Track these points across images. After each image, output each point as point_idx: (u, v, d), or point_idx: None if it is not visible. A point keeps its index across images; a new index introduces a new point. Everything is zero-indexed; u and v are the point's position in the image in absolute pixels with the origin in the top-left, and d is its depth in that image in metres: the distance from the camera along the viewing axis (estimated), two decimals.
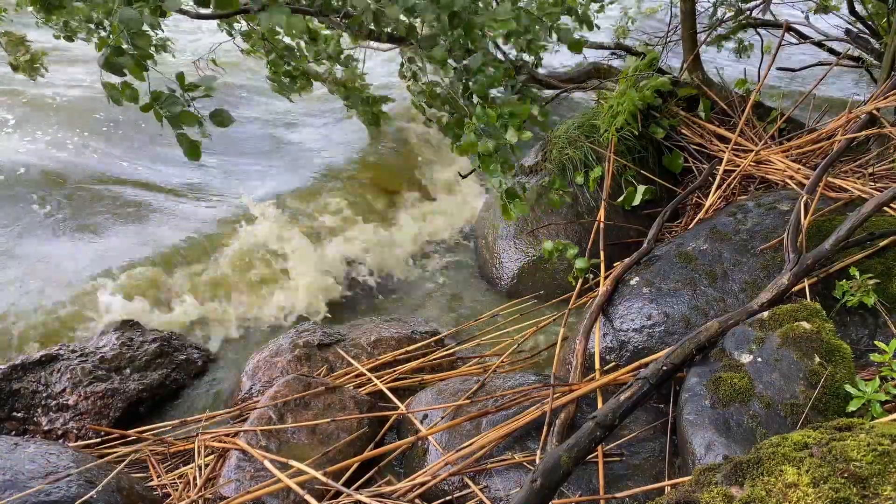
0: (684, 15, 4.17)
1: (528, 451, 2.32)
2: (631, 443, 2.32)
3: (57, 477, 2.18)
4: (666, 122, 3.94)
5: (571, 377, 2.62)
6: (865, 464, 1.37)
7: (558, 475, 1.78)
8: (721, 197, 3.49)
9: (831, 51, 5.48)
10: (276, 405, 2.66)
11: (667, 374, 2.15)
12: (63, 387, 3.07)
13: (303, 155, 5.62)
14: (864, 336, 2.41)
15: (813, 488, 1.35)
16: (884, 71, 3.70)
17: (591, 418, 1.95)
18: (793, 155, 3.58)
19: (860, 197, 2.99)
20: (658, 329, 2.71)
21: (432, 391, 2.78)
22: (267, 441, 2.55)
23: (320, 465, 2.38)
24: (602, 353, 2.77)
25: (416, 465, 2.49)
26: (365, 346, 3.25)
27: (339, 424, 2.61)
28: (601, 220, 3.58)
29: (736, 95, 4.12)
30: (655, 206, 3.79)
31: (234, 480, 2.44)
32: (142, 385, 3.22)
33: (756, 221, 2.92)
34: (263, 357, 3.23)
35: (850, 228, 2.46)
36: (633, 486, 2.13)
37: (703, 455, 1.96)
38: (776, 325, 2.17)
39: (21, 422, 3.02)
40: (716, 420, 2.01)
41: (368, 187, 5.12)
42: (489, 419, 2.48)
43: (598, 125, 3.94)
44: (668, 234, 3.52)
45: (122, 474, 2.38)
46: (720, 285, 2.72)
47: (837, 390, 1.97)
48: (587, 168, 3.88)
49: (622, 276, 2.98)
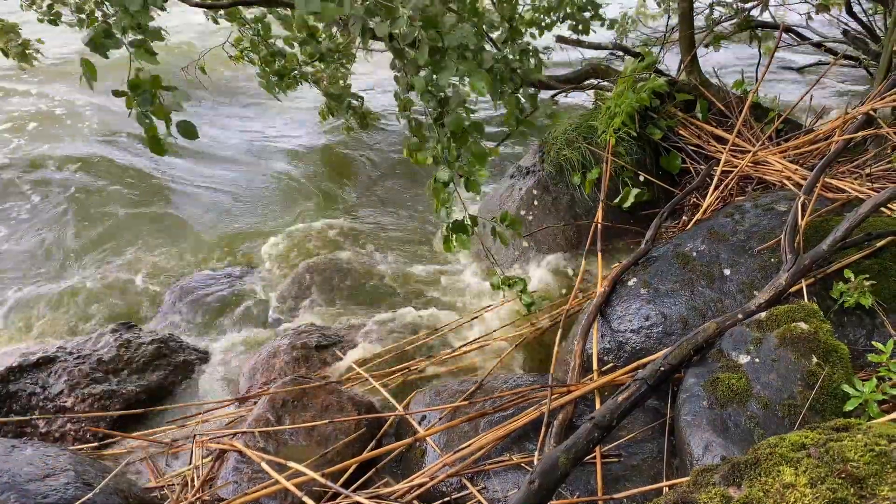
0: (682, 16, 4.18)
1: (526, 453, 2.32)
2: (629, 444, 2.31)
3: (55, 479, 2.18)
4: (664, 122, 3.94)
5: (569, 378, 2.62)
6: (863, 464, 1.37)
7: (556, 476, 1.78)
8: (718, 198, 3.49)
9: (829, 51, 5.49)
10: (274, 406, 2.66)
11: (665, 375, 2.15)
12: (60, 388, 3.07)
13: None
14: (861, 336, 2.41)
15: (810, 489, 1.35)
16: (881, 71, 3.70)
17: (589, 419, 1.95)
18: (790, 156, 3.59)
19: (857, 197, 3.00)
20: (656, 330, 2.71)
21: (430, 392, 2.78)
22: (265, 442, 2.54)
23: (318, 467, 2.38)
24: (600, 354, 2.77)
25: (414, 467, 2.49)
26: (363, 348, 3.25)
27: (337, 426, 2.61)
28: (599, 221, 3.58)
29: (733, 96, 4.12)
30: (653, 207, 3.79)
31: (232, 482, 2.44)
32: (139, 387, 3.22)
33: (753, 222, 2.93)
34: (261, 358, 3.23)
35: (848, 229, 2.46)
36: (631, 487, 2.13)
37: (700, 456, 1.96)
38: (774, 325, 2.17)
39: (18, 424, 3.02)
40: (713, 421, 2.02)
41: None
42: (487, 420, 2.48)
43: (596, 126, 3.94)
44: (665, 235, 3.52)
45: (120, 476, 2.38)
46: (718, 286, 2.72)
47: (835, 391, 1.97)
48: (585, 169, 3.88)
49: (620, 276, 2.98)
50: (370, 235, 4.78)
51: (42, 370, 3.13)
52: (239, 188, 5.55)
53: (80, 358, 3.21)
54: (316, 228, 4.90)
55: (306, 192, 5.51)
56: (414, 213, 5.14)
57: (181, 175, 5.68)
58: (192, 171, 5.78)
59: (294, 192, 5.52)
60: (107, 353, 3.27)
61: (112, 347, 3.31)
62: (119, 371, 3.24)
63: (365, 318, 3.74)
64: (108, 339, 3.36)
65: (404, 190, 5.55)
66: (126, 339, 3.39)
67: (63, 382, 3.08)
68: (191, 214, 5.12)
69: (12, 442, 2.48)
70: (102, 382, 3.14)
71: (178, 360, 3.44)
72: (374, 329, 3.49)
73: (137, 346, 3.37)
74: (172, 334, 3.64)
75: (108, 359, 3.25)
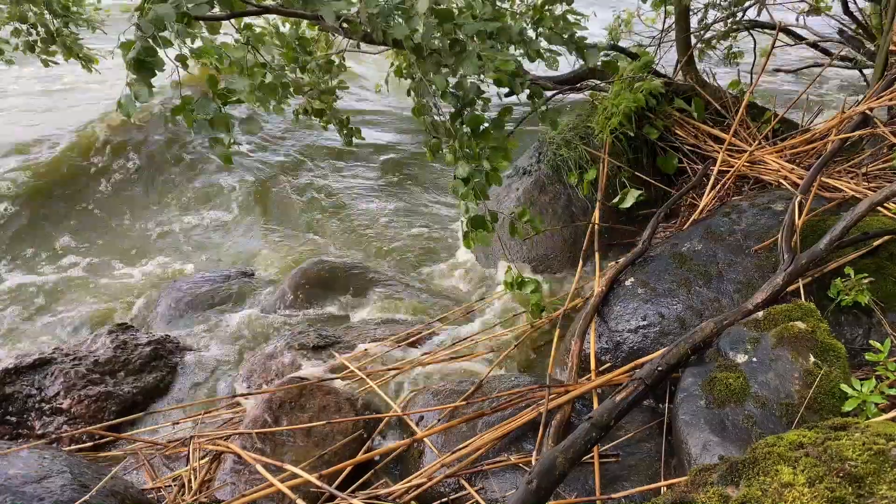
0: (678, 16, 4.18)
1: (524, 453, 2.32)
2: (627, 443, 2.31)
3: (51, 481, 2.16)
4: (660, 122, 3.94)
5: (567, 378, 2.62)
6: (861, 463, 1.37)
7: (554, 476, 1.78)
8: (715, 197, 3.49)
9: (825, 51, 5.50)
10: (272, 407, 2.65)
11: (662, 375, 2.15)
12: (57, 390, 3.06)
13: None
14: (858, 335, 2.42)
15: (808, 488, 1.35)
16: (876, 71, 3.71)
17: (586, 419, 1.94)
18: (787, 155, 3.59)
19: (854, 197, 3.00)
20: (653, 330, 2.71)
21: (428, 393, 2.77)
22: (262, 444, 2.54)
23: (315, 468, 2.37)
24: (597, 353, 2.77)
25: (411, 468, 2.49)
26: (360, 349, 3.25)
27: (334, 426, 2.61)
28: (596, 221, 3.58)
29: (730, 96, 4.13)
30: (650, 207, 3.79)
31: (229, 483, 2.43)
32: (136, 388, 3.21)
33: (750, 222, 2.93)
34: (259, 360, 3.23)
35: (844, 228, 2.46)
36: (629, 487, 2.13)
37: (698, 455, 1.96)
38: (771, 325, 2.18)
39: (14, 426, 3.01)
40: (711, 420, 2.01)
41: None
42: (485, 421, 2.47)
43: (593, 127, 3.94)
44: (662, 235, 3.52)
45: (116, 478, 2.37)
46: (715, 286, 2.72)
47: (832, 390, 1.97)
48: (581, 170, 3.88)
49: (617, 276, 2.98)
50: (369, 236, 4.77)
51: (38, 372, 3.12)
52: (235, 190, 5.54)
53: (76, 360, 3.19)
54: (313, 230, 4.90)
55: (303, 193, 5.51)
56: (414, 215, 5.14)
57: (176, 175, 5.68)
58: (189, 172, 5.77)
59: (293, 192, 5.52)
60: (103, 355, 3.26)
61: (108, 349, 3.30)
62: (115, 372, 3.23)
63: (362, 319, 3.74)
64: (104, 341, 3.35)
65: (404, 190, 5.55)
66: (122, 340, 3.38)
67: (59, 384, 3.07)
68: (188, 215, 5.11)
69: (7, 444, 2.47)
70: (99, 384, 3.13)
71: (174, 361, 3.43)
72: (372, 330, 3.49)
73: (134, 348, 3.36)
74: (169, 336, 3.63)
75: (105, 360, 3.24)
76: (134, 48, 2.08)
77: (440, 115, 2.55)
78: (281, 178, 5.76)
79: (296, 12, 2.77)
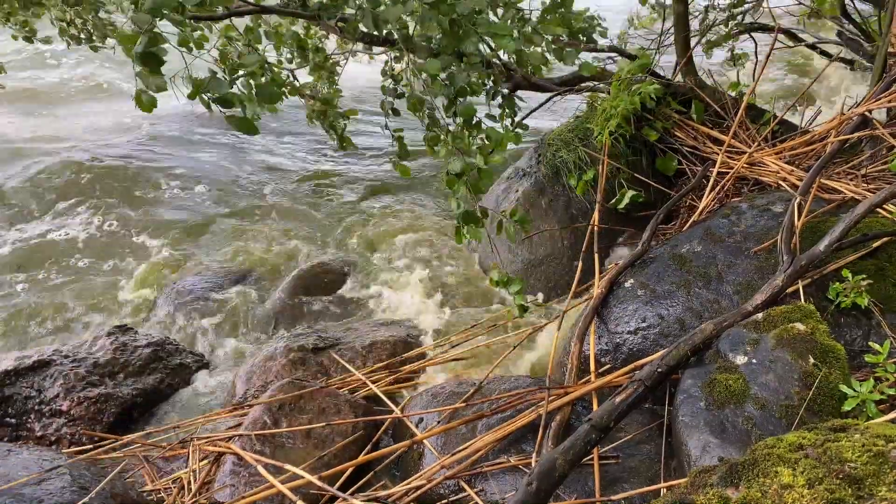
0: (677, 18, 4.18)
1: (523, 455, 2.32)
2: (626, 445, 2.31)
3: (51, 483, 2.16)
4: (659, 124, 3.94)
5: (566, 380, 2.62)
6: (860, 464, 1.37)
7: (554, 478, 1.78)
8: (715, 199, 3.50)
9: (824, 53, 5.50)
10: (271, 409, 2.65)
11: (662, 377, 2.15)
12: (56, 392, 3.06)
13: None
14: (858, 337, 2.42)
15: (808, 489, 1.35)
16: (875, 72, 3.71)
17: (586, 421, 1.94)
18: (786, 157, 3.59)
19: (853, 198, 3.00)
20: (653, 331, 2.71)
21: (428, 394, 2.78)
22: (262, 445, 2.54)
23: (315, 470, 2.37)
24: (597, 355, 2.77)
25: (411, 469, 2.49)
26: (360, 350, 3.25)
27: (334, 428, 2.61)
28: (595, 223, 3.58)
29: (729, 98, 4.13)
30: (649, 209, 3.79)
31: (228, 485, 2.43)
32: (136, 390, 3.21)
33: (750, 223, 2.93)
34: (258, 362, 3.23)
35: (844, 230, 2.46)
36: (628, 489, 2.13)
37: (698, 457, 1.96)
38: (770, 326, 2.18)
39: (14, 428, 3.00)
40: (711, 422, 2.02)
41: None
42: (485, 422, 2.47)
43: (592, 128, 3.94)
44: (662, 237, 3.52)
45: (116, 480, 2.37)
46: (714, 287, 2.72)
47: (832, 391, 1.97)
48: (580, 171, 3.89)
49: (617, 278, 2.98)
50: (369, 236, 4.77)
51: (38, 374, 3.11)
52: (234, 193, 5.54)
53: (75, 361, 3.19)
54: (312, 232, 4.90)
55: (303, 193, 5.51)
56: (414, 215, 5.14)
57: (174, 177, 5.67)
58: (187, 173, 5.76)
59: (293, 192, 5.52)
60: (103, 357, 3.26)
61: (108, 351, 3.30)
62: (115, 374, 3.22)
63: (361, 320, 3.74)
64: (103, 343, 3.35)
65: (404, 192, 5.55)
66: (122, 342, 3.37)
67: (59, 386, 3.07)
68: (186, 216, 5.11)
69: (8, 446, 2.47)
70: (98, 386, 3.13)
71: (174, 363, 3.43)
72: (371, 331, 3.49)
73: (133, 350, 3.36)
74: (168, 337, 3.63)
75: (104, 362, 3.24)
76: (140, 42, 2.05)
77: (435, 108, 2.55)
78: (281, 178, 5.76)
79: (295, 12, 2.77)
